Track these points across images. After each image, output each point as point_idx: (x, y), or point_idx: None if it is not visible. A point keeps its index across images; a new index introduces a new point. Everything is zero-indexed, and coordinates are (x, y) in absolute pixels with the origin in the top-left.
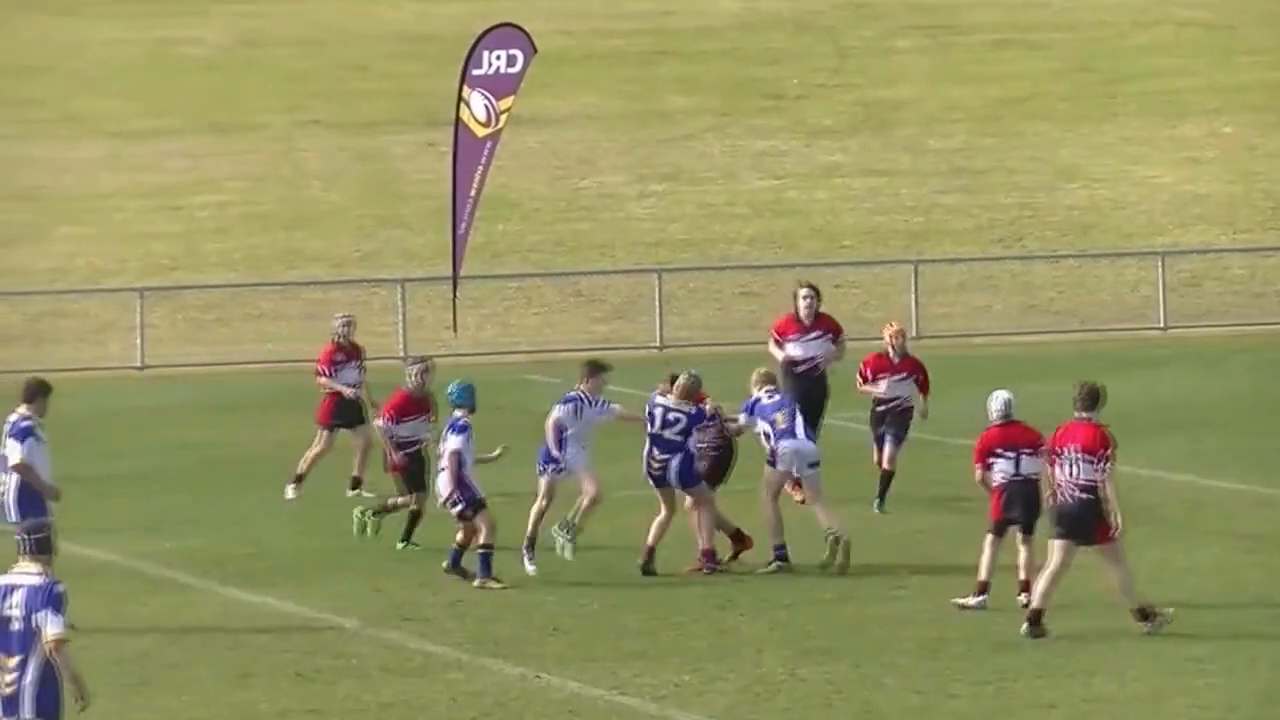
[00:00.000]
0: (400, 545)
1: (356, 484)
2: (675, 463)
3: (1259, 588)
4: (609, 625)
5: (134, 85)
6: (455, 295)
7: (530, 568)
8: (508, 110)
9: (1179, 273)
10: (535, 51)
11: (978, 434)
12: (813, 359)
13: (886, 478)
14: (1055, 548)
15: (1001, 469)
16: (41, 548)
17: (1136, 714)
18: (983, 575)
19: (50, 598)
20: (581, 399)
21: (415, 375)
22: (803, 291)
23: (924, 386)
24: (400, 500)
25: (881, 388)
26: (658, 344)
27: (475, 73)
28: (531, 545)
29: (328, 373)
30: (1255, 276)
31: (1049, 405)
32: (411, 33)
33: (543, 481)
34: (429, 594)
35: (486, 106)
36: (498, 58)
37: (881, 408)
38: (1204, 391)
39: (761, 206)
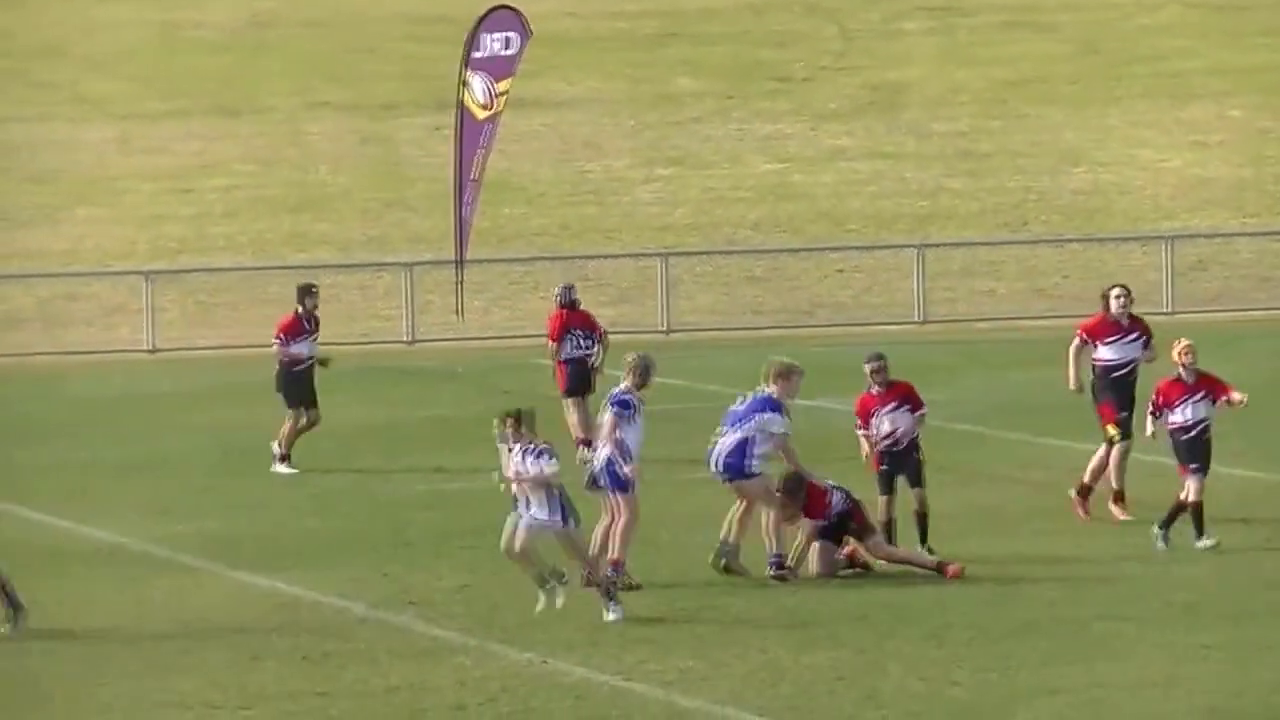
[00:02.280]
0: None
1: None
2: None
3: (1270, 574)
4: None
5: (144, 67)
6: (460, 279)
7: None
8: (506, 93)
9: (1186, 257)
10: (531, 34)
11: (983, 418)
12: (1132, 361)
13: (1193, 511)
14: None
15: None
16: None
17: (1143, 701)
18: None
19: None
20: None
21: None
22: (1115, 291)
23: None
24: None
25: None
26: (664, 328)
27: (475, 55)
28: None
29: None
30: (1263, 260)
31: (1054, 391)
32: (420, 14)
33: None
34: (436, 578)
35: (486, 89)
36: (495, 40)
37: (1185, 436)
38: None
39: (767, 190)
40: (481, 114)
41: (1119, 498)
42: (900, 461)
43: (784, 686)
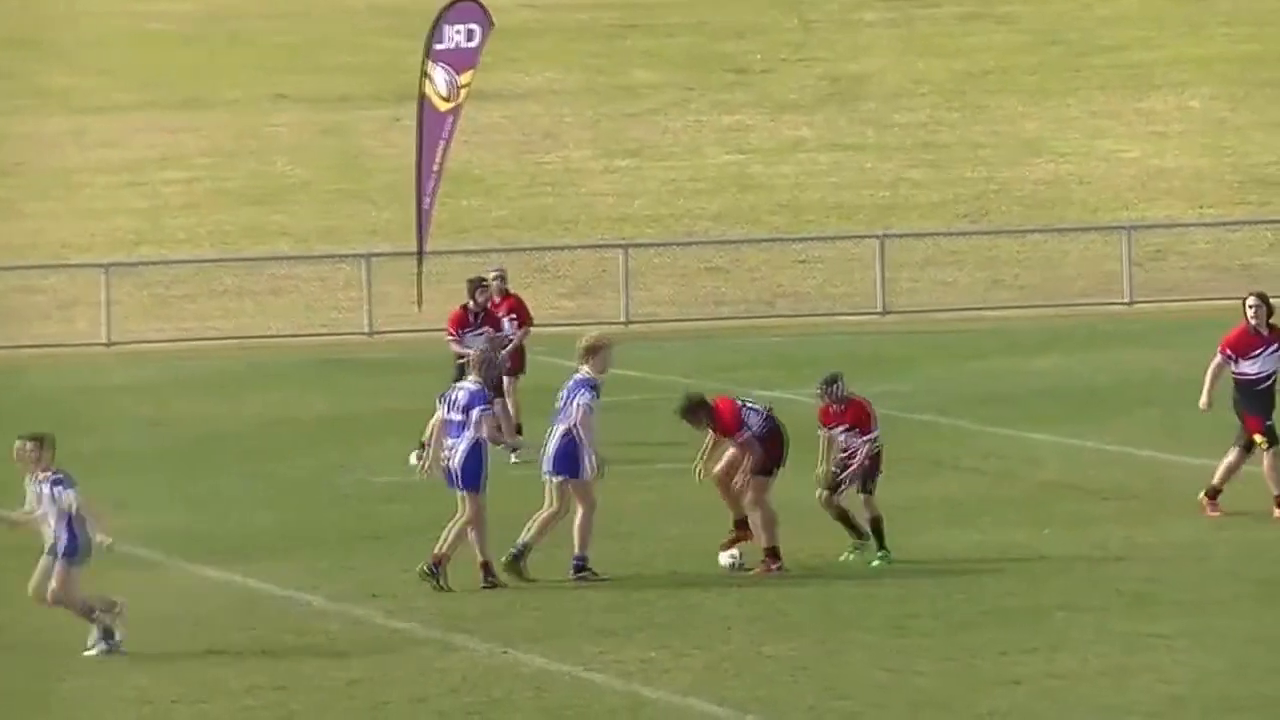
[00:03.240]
0: None
1: None
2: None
3: (1227, 563)
4: (577, 602)
5: (108, 60)
6: (420, 270)
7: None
8: (468, 84)
9: (1145, 247)
10: (493, 25)
11: (943, 409)
12: (1273, 373)
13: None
14: None
15: None
16: None
17: (1102, 690)
18: None
19: None
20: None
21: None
22: (1250, 300)
23: None
24: None
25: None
26: (623, 319)
27: (437, 47)
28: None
29: None
30: (1221, 250)
31: (1014, 380)
32: (382, 6)
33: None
34: (397, 570)
35: (447, 80)
36: (457, 31)
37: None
38: (1171, 366)
39: (726, 181)
40: (443, 105)
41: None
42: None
43: (745, 677)
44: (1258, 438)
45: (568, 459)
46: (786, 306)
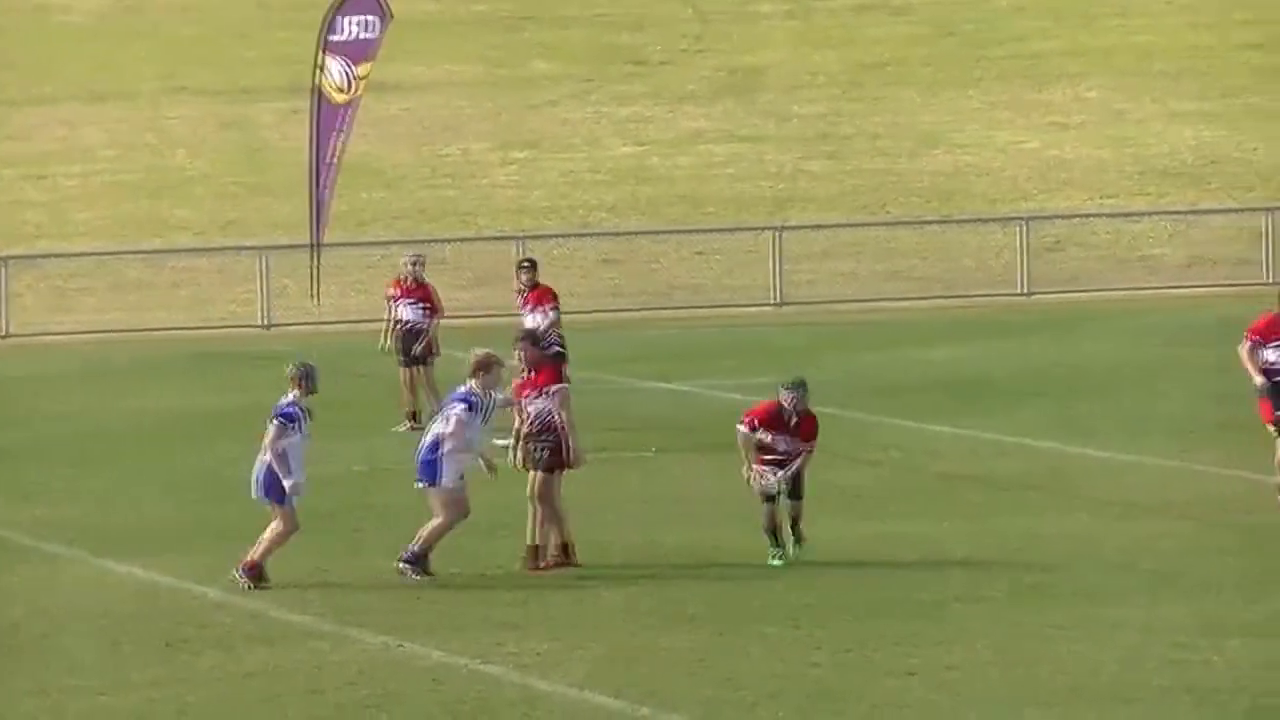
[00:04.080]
0: None
1: None
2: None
3: (1123, 554)
4: (474, 595)
5: (12, 53)
6: (316, 263)
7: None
8: (365, 77)
9: (1043, 238)
10: (391, 17)
11: (842, 400)
12: None
13: None
14: None
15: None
16: None
17: (998, 681)
18: None
19: None
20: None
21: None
22: None
23: None
24: None
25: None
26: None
27: (333, 39)
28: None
29: None
30: (1120, 241)
31: (913, 372)
32: None
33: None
34: (294, 563)
35: (344, 73)
36: (355, 24)
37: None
38: (1068, 357)
39: (625, 173)
40: (339, 98)
41: None
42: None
43: (640, 669)
44: (1271, 427)
45: (429, 467)
46: (684, 298)
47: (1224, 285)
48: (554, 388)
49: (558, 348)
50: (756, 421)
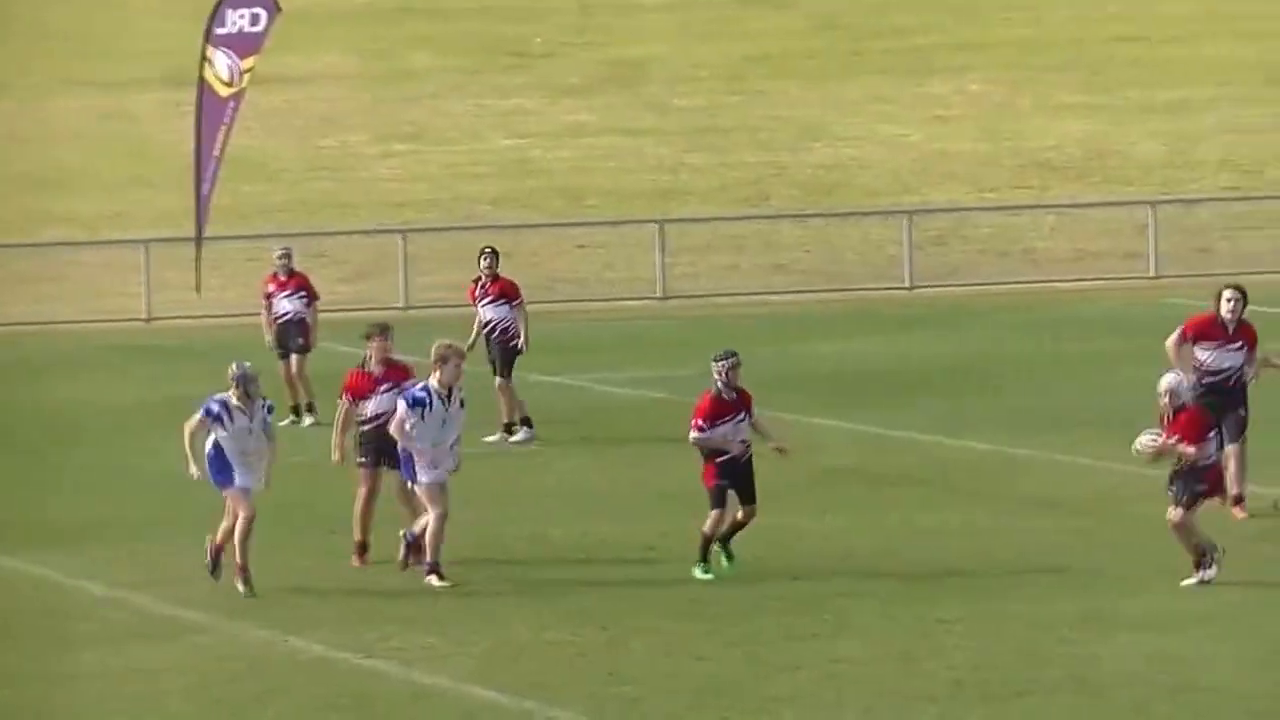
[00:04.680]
0: None
1: None
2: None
3: (1009, 548)
4: (357, 590)
5: None
6: (199, 256)
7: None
8: (251, 69)
9: (926, 231)
10: (279, 10)
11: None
12: (1227, 370)
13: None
14: None
15: None
16: None
17: (885, 675)
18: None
19: None
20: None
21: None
22: (1228, 294)
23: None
24: None
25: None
26: (402, 304)
27: (218, 31)
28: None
29: None
30: (1002, 234)
31: (797, 366)
32: None
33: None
34: (181, 558)
35: (229, 66)
36: (241, 16)
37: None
38: (952, 351)
39: (507, 166)
40: (224, 91)
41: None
42: (740, 474)
43: (526, 663)
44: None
45: (407, 465)
46: (566, 292)
47: (1108, 279)
48: (406, 383)
49: (517, 343)
50: (703, 421)
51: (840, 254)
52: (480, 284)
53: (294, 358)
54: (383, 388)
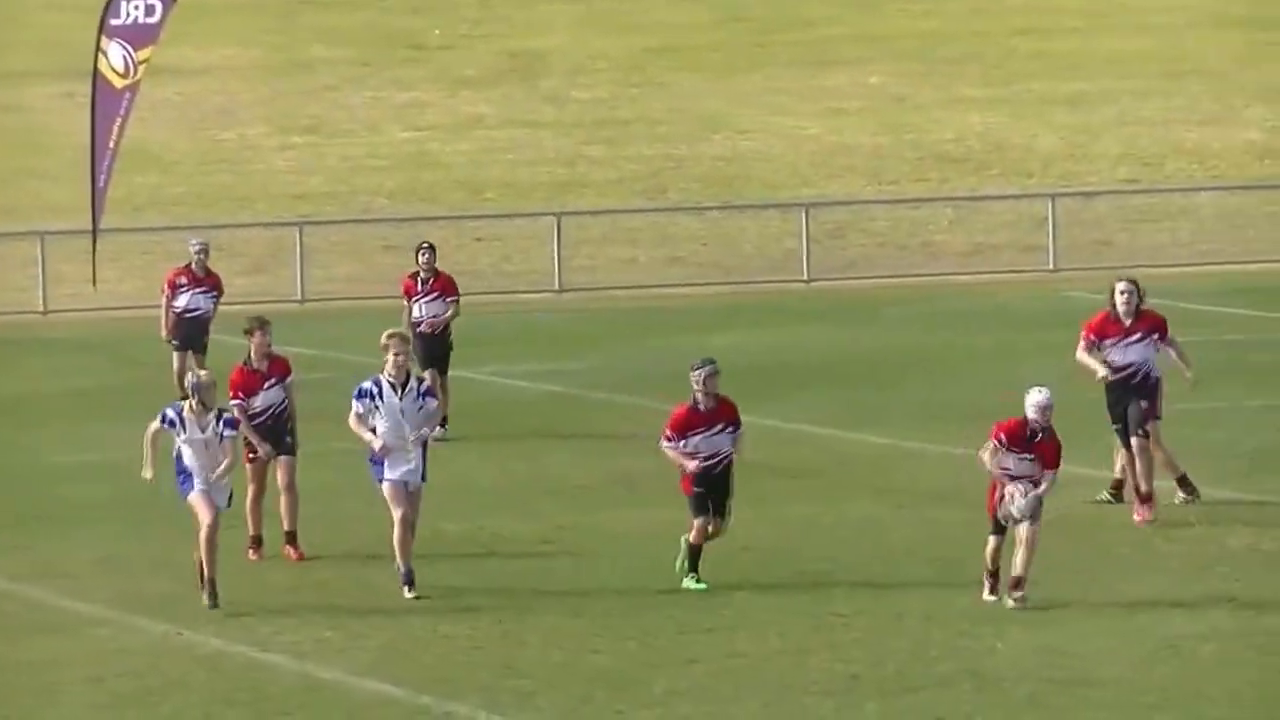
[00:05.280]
0: None
1: None
2: None
3: (906, 542)
4: (253, 583)
5: None
6: (95, 249)
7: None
8: (146, 61)
9: (824, 224)
10: (175, 1)
11: (621, 387)
12: (1132, 365)
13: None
14: None
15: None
16: None
17: (780, 669)
18: None
19: None
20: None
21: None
22: (1121, 286)
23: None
24: None
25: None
26: (299, 298)
27: (113, 22)
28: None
29: None
30: (900, 228)
31: (694, 359)
32: None
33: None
34: (78, 550)
35: (125, 57)
36: (136, 7)
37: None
38: (849, 344)
39: (404, 158)
40: (120, 82)
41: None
42: (716, 484)
43: (422, 657)
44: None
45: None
46: (463, 284)
47: (1007, 272)
48: (290, 378)
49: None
50: (671, 432)
51: (737, 247)
52: (419, 278)
53: (194, 355)
54: (269, 382)
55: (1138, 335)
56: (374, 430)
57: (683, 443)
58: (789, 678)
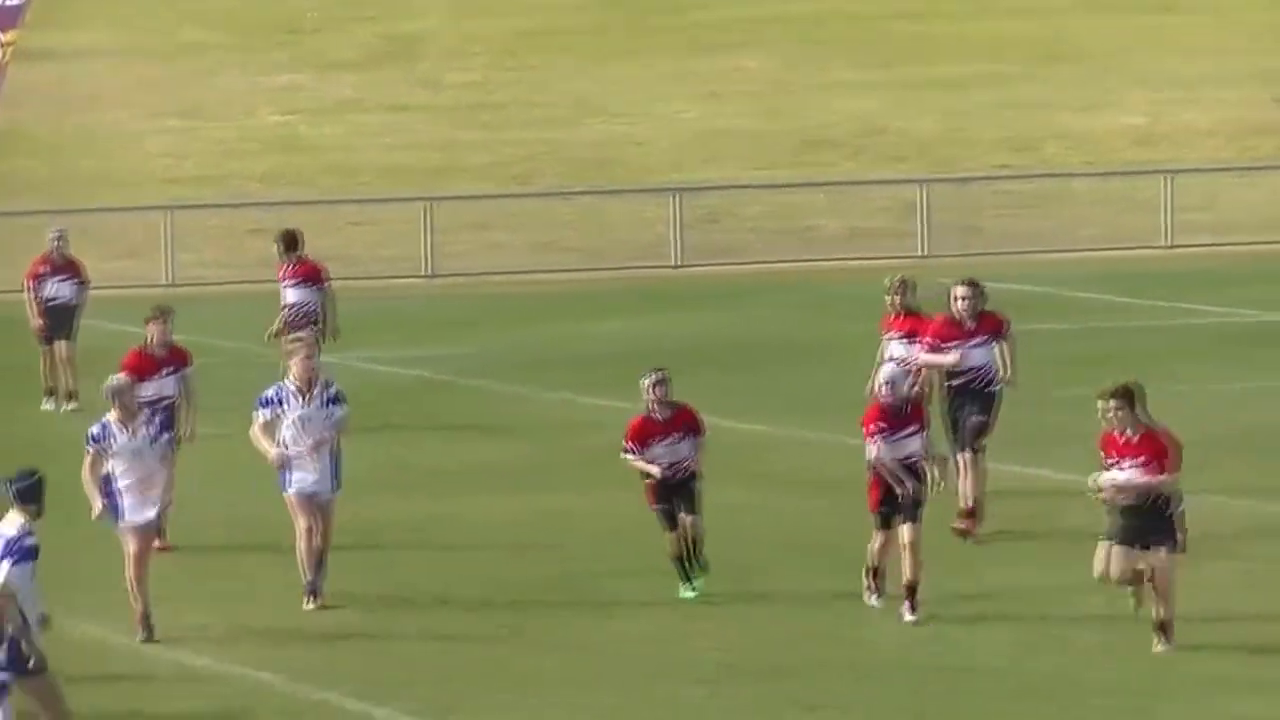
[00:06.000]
0: None
1: None
2: None
3: (779, 528)
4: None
5: None
6: None
7: None
8: (12, 44)
9: (698, 210)
10: None
11: (494, 373)
12: (973, 370)
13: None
14: None
15: None
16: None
17: (654, 655)
18: None
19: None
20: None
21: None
22: (960, 290)
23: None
24: None
25: (953, 358)
26: (169, 282)
27: None
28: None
29: None
30: (776, 214)
31: (568, 345)
32: None
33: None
34: None
35: None
36: None
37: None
38: (721, 331)
39: (277, 143)
40: None
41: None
42: (678, 493)
43: (294, 645)
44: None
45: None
46: (336, 270)
47: (883, 258)
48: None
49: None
50: (630, 443)
51: (611, 232)
52: (285, 266)
53: (63, 343)
54: (165, 370)
55: (981, 338)
56: (281, 441)
57: (643, 452)
58: (661, 664)
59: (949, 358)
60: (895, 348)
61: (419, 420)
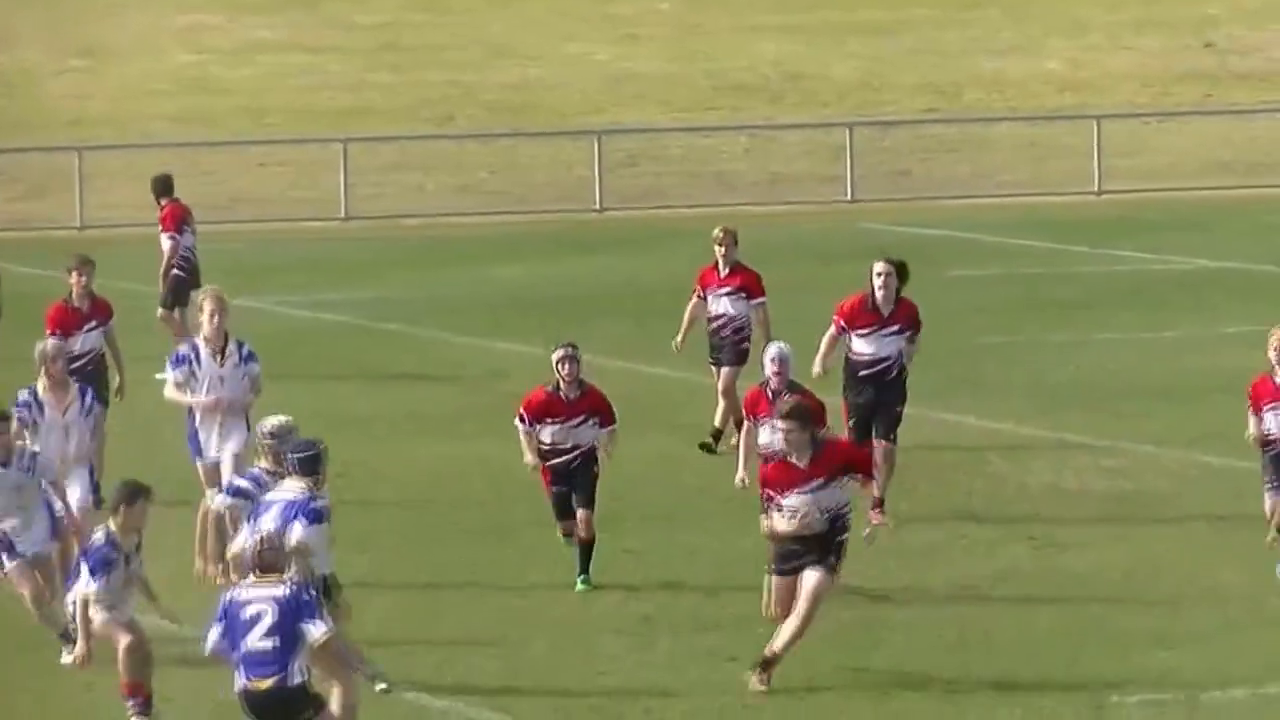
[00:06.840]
0: None
1: None
2: None
3: (700, 479)
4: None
5: None
6: None
7: None
8: None
9: (616, 153)
10: None
11: (410, 317)
12: (885, 360)
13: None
14: None
15: None
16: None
17: (571, 608)
18: None
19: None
20: None
21: None
22: (879, 267)
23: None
24: None
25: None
26: (78, 224)
27: None
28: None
29: None
30: (692, 156)
31: (484, 289)
32: None
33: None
34: None
35: None
36: None
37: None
38: (643, 275)
39: (186, 82)
40: None
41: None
42: (575, 477)
43: (194, 597)
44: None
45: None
46: (248, 212)
47: (804, 203)
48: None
49: (178, 272)
50: (524, 412)
51: (528, 175)
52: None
53: None
54: (89, 324)
55: (895, 328)
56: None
57: (531, 428)
58: (579, 617)
59: (820, 364)
60: (724, 303)
61: (335, 366)
